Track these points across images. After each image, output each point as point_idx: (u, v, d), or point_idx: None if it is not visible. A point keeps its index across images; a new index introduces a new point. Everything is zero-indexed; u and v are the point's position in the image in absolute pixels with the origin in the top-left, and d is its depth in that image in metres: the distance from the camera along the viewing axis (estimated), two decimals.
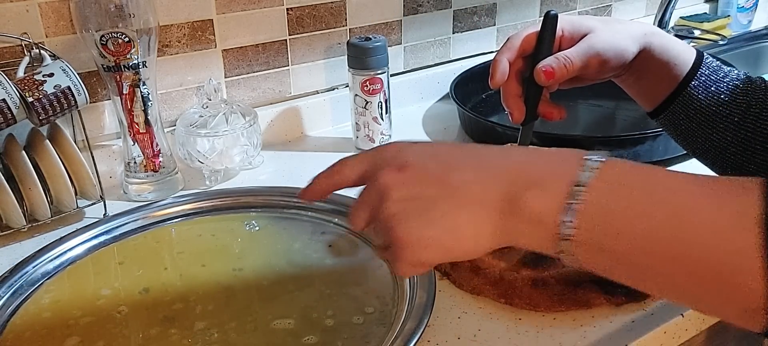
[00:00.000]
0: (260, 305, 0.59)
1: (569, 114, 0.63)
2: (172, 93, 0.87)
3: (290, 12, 0.92)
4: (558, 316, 0.55)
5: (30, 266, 0.64)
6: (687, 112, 0.65)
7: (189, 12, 0.84)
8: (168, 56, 0.84)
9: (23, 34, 0.72)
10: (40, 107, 0.66)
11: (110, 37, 0.70)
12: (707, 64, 0.64)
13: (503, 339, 0.53)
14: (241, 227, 0.72)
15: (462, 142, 0.44)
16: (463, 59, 1.12)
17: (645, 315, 0.55)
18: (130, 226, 0.72)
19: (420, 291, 0.57)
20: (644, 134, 0.78)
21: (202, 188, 0.81)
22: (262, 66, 0.92)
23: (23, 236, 0.70)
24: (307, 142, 0.95)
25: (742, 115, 0.62)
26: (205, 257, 0.66)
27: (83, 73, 0.76)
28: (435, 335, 0.54)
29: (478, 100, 1.04)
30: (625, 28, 0.62)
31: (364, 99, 0.87)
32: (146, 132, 0.76)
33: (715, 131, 0.64)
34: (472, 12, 1.10)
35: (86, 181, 0.72)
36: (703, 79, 0.64)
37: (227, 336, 0.55)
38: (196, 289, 0.61)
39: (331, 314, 0.57)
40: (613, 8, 1.30)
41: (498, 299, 0.57)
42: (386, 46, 0.86)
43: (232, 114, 0.81)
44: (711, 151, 0.65)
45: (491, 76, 0.60)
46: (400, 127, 0.95)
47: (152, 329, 0.56)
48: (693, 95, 0.64)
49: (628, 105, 0.74)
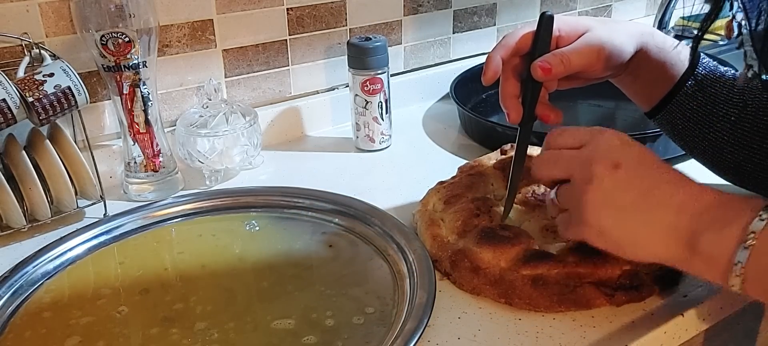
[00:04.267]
0: (260, 305, 0.59)
1: (569, 114, 0.63)
2: (172, 93, 0.87)
3: (290, 12, 0.92)
4: (558, 316, 0.55)
5: (30, 266, 0.64)
6: (684, 112, 0.65)
7: (189, 12, 0.84)
8: (168, 56, 0.84)
9: (23, 34, 0.72)
10: (41, 107, 0.66)
11: (110, 37, 0.70)
12: (704, 64, 0.64)
13: (503, 339, 0.53)
14: (241, 227, 0.72)
15: (660, 160, 0.52)
16: (464, 59, 1.12)
17: (645, 315, 0.55)
18: (130, 226, 0.72)
19: (420, 291, 0.57)
20: (644, 134, 0.78)
21: (202, 187, 0.81)
22: (262, 66, 0.92)
23: (23, 236, 0.70)
24: (307, 142, 0.95)
25: (738, 115, 0.62)
26: (205, 257, 0.66)
27: (83, 73, 0.76)
28: (435, 335, 0.54)
29: (478, 100, 1.04)
30: (622, 27, 0.62)
31: (365, 99, 0.87)
32: (146, 132, 0.76)
33: (712, 131, 0.64)
34: (472, 12, 1.10)
35: (86, 181, 0.72)
36: (699, 79, 0.64)
37: (227, 336, 0.55)
38: (196, 289, 0.61)
39: (331, 314, 0.57)
40: (612, 8, 1.30)
41: (498, 299, 0.57)
42: (386, 46, 0.86)
43: (232, 114, 0.81)
44: (708, 151, 0.65)
45: (484, 72, 0.60)
46: (401, 127, 0.95)
47: (152, 329, 0.56)
48: (690, 95, 0.64)
49: (628, 105, 0.74)
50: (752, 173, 0.63)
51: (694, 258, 0.47)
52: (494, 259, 0.58)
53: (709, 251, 0.46)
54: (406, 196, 0.76)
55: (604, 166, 0.50)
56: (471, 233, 0.61)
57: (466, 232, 0.62)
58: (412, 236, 0.65)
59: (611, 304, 0.55)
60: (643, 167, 0.50)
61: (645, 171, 0.50)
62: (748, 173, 0.64)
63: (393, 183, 0.81)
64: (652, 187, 0.49)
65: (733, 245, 0.45)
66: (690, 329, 0.56)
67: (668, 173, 0.50)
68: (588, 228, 0.51)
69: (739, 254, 0.44)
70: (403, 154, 0.90)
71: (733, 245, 0.45)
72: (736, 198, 0.47)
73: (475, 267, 0.58)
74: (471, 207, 0.64)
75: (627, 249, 0.50)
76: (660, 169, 0.50)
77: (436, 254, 0.62)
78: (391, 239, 0.65)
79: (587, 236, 0.51)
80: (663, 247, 0.48)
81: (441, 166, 0.81)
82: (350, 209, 0.71)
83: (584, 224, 0.51)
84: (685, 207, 0.48)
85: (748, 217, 0.45)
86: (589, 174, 0.50)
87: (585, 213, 0.50)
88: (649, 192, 0.49)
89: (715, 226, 0.46)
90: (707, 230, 0.46)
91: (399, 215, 0.69)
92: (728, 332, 0.64)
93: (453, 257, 0.60)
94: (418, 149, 0.91)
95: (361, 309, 0.57)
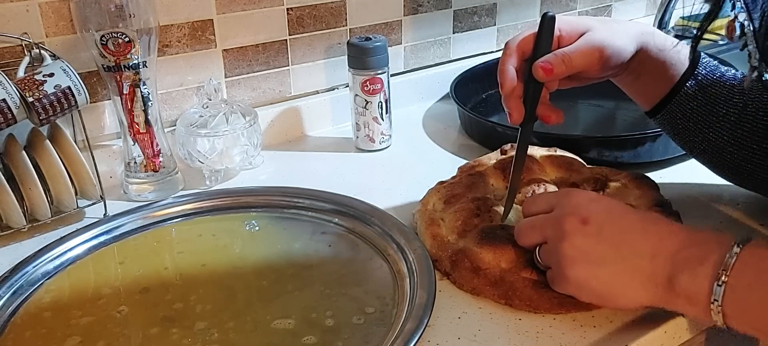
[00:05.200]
0: (260, 305, 0.59)
1: (569, 114, 0.63)
2: (173, 93, 0.87)
3: (290, 12, 0.92)
4: (558, 316, 0.55)
5: (30, 266, 0.64)
6: (684, 112, 0.65)
7: (189, 12, 0.84)
8: (168, 56, 0.84)
9: (23, 34, 0.72)
10: (41, 107, 0.66)
11: (110, 37, 0.70)
12: (704, 64, 0.64)
13: (503, 339, 0.53)
14: (241, 227, 0.72)
15: (628, 209, 0.54)
16: (464, 59, 1.12)
17: (645, 315, 0.55)
18: (130, 226, 0.72)
19: (420, 291, 0.57)
20: (644, 134, 0.78)
21: (203, 188, 0.81)
22: (262, 66, 0.92)
23: (23, 236, 0.70)
24: (307, 142, 0.95)
25: (738, 115, 0.62)
26: (205, 257, 0.66)
27: (83, 73, 0.76)
28: (435, 336, 0.54)
29: (478, 100, 1.04)
30: (622, 27, 0.62)
31: (365, 99, 0.87)
32: (146, 132, 0.76)
33: (712, 131, 0.64)
34: (472, 12, 1.10)
35: (86, 181, 0.72)
36: (699, 79, 0.64)
37: (227, 336, 0.55)
38: (196, 289, 0.61)
39: (331, 314, 0.57)
40: (613, 8, 1.30)
41: (498, 299, 0.57)
42: (386, 46, 0.86)
43: (232, 114, 0.81)
44: (708, 151, 0.66)
45: (501, 85, 0.61)
46: (400, 127, 0.95)
47: (152, 329, 0.56)
48: (690, 95, 0.64)
49: (628, 105, 0.74)
50: (752, 173, 0.63)
51: (676, 299, 0.48)
52: (495, 259, 0.58)
53: (687, 290, 0.47)
54: (406, 196, 0.76)
55: (573, 222, 0.51)
56: (471, 233, 0.61)
57: (466, 232, 0.62)
58: (412, 236, 0.65)
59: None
60: (611, 218, 0.51)
61: (613, 222, 0.51)
62: (747, 173, 0.64)
63: (393, 183, 0.81)
64: (622, 236, 0.50)
65: (708, 283, 0.46)
66: (690, 329, 0.56)
67: (637, 222, 0.51)
68: (568, 283, 0.52)
69: (715, 291, 0.45)
70: (403, 154, 0.90)
71: (707, 283, 0.46)
72: (707, 235, 0.48)
73: (476, 267, 0.58)
74: (471, 207, 0.64)
75: (609, 300, 0.52)
76: (627, 218, 0.52)
77: (436, 254, 0.62)
78: (391, 239, 0.65)
79: (570, 290, 0.53)
80: (643, 293, 0.49)
81: (441, 166, 0.81)
82: (350, 209, 0.71)
83: (564, 279, 0.52)
84: (659, 251, 0.49)
85: (719, 253, 0.46)
86: (561, 232, 0.52)
87: (563, 269, 0.52)
88: (620, 243, 0.50)
89: (689, 265, 0.47)
90: (682, 271, 0.47)
91: (399, 215, 0.69)
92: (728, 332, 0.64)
93: (453, 257, 0.60)
94: (418, 149, 0.91)
95: (361, 309, 0.57)
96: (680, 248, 0.48)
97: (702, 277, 0.46)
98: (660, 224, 0.51)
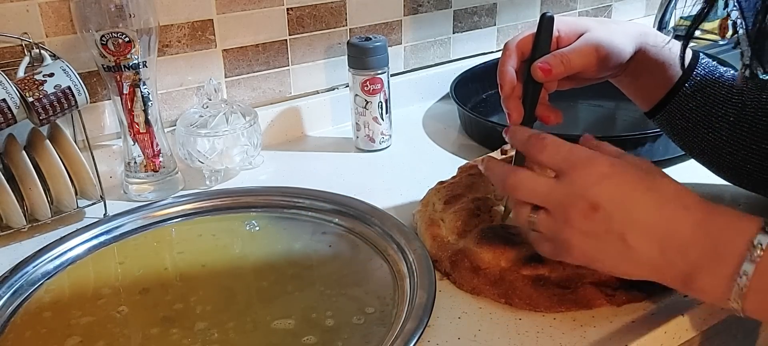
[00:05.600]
0: (260, 305, 0.59)
1: (569, 114, 0.63)
2: (173, 93, 0.87)
3: (290, 12, 0.92)
4: (558, 316, 0.55)
5: (30, 266, 0.64)
6: (683, 112, 0.65)
7: (189, 12, 0.84)
8: (168, 56, 0.84)
9: (23, 34, 0.72)
10: (41, 107, 0.66)
11: (110, 37, 0.70)
12: (703, 65, 0.64)
13: (503, 339, 0.53)
14: (241, 227, 0.72)
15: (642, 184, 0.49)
16: (464, 59, 1.12)
17: (645, 315, 0.55)
18: (130, 226, 0.72)
19: (420, 291, 0.57)
20: (644, 135, 0.78)
21: (202, 188, 0.81)
22: (262, 66, 0.92)
23: (23, 236, 0.70)
24: (307, 142, 0.95)
25: (737, 116, 0.62)
26: (206, 257, 0.66)
27: (83, 73, 0.76)
28: (435, 335, 0.54)
29: (478, 100, 1.04)
30: (621, 28, 0.62)
31: (365, 99, 0.87)
32: (146, 132, 0.76)
33: (711, 131, 0.64)
34: (472, 12, 1.10)
35: (86, 181, 0.72)
36: (698, 79, 0.64)
37: (227, 336, 0.55)
38: (196, 289, 0.61)
39: (331, 314, 0.57)
40: (613, 8, 1.30)
41: (498, 299, 0.57)
42: (386, 46, 0.86)
43: (232, 114, 0.81)
44: (707, 151, 0.66)
45: (501, 87, 0.60)
46: (401, 127, 0.95)
47: (152, 329, 0.56)
48: (688, 95, 0.64)
49: (628, 105, 0.74)
50: (751, 174, 0.63)
51: (690, 291, 0.48)
52: (494, 259, 0.58)
53: (703, 288, 0.46)
54: (406, 196, 0.76)
55: (579, 209, 0.48)
56: (471, 233, 0.61)
57: (466, 232, 0.62)
58: (412, 236, 0.65)
59: (612, 304, 0.55)
60: (622, 205, 0.48)
61: (624, 209, 0.48)
62: (746, 173, 0.64)
63: (393, 183, 0.81)
64: (632, 225, 0.48)
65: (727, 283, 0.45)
66: (690, 329, 0.56)
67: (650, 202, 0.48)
68: (571, 260, 0.51)
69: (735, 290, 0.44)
70: (403, 154, 0.90)
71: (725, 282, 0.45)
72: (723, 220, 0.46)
73: (475, 267, 0.58)
74: (471, 207, 0.64)
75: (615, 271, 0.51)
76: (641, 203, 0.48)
77: (436, 254, 0.62)
78: (391, 239, 0.65)
79: (568, 261, 0.52)
80: (652, 277, 0.49)
81: (441, 166, 0.81)
82: (350, 209, 0.71)
83: (567, 258, 0.51)
84: (669, 243, 0.47)
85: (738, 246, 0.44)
86: (565, 216, 0.49)
87: (569, 252, 0.50)
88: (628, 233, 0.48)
89: (706, 264, 0.46)
90: (700, 270, 0.46)
91: (399, 215, 0.70)
92: (728, 332, 0.64)
93: (453, 257, 0.60)
94: (418, 149, 0.91)
95: (361, 309, 0.57)
96: (693, 239, 0.46)
97: (720, 277, 0.45)
98: (675, 201, 0.48)
